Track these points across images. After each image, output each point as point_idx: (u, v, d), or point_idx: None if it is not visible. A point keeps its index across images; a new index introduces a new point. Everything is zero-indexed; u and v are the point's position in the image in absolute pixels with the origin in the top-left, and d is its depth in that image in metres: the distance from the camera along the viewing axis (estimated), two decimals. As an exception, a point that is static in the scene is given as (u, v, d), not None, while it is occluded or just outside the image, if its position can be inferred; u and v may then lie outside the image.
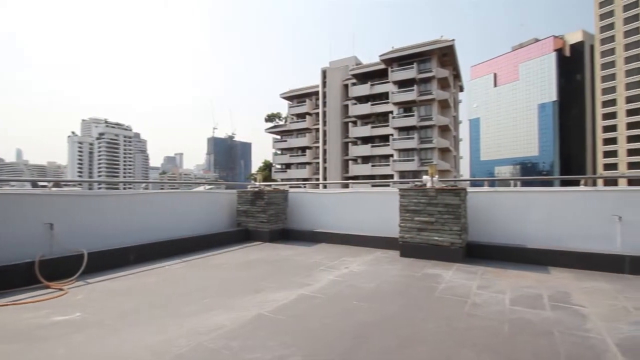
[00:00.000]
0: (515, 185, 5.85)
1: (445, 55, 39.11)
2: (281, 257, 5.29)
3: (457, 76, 45.46)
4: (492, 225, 5.28)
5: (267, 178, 53.01)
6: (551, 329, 2.52)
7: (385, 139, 42.07)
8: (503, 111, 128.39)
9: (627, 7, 73.13)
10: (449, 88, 41.02)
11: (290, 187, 8.60)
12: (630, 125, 72.22)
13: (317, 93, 51.09)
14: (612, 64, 75.64)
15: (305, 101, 53.35)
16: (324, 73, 49.33)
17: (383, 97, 42.58)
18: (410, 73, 38.90)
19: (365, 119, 45.00)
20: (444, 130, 40.99)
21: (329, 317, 2.81)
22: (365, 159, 44.51)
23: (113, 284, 3.84)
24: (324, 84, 49.16)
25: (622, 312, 2.87)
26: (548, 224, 4.91)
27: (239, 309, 2.99)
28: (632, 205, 4.41)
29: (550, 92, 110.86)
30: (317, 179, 50.09)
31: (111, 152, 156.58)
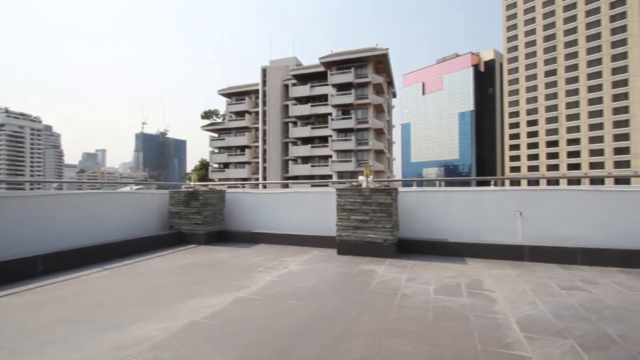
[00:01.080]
0: (439, 185, 6.43)
1: (380, 62, 41.40)
2: (218, 260, 5.09)
3: (390, 83, 48.43)
4: (420, 222, 5.74)
5: (204, 178, 50.46)
6: (467, 313, 2.84)
7: (324, 140, 43.02)
8: (430, 118, 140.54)
9: (527, 33, 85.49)
10: (383, 94, 43.47)
11: (229, 187, 8.31)
12: (530, 135, 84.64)
13: (257, 91, 50.16)
14: (516, 81, 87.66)
15: (244, 99, 51.97)
16: (264, 72, 48.65)
17: (322, 99, 43.49)
18: (348, 77, 40.35)
19: (305, 119, 45.48)
20: (379, 133, 43.35)
21: (266, 318, 2.79)
22: (305, 159, 45.00)
23: (15, 299, 3.31)
24: (264, 82, 48.49)
25: (522, 294, 3.35)
26: (466, 220, 5.50)
27: (170, 317, 2.81)
28: (530, 202, 5.18)
29: (468, 103, 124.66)
30: (257, 179, 49.19)
31: (14, 146, 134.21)
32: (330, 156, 41.87)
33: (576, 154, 76.59)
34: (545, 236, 4.94)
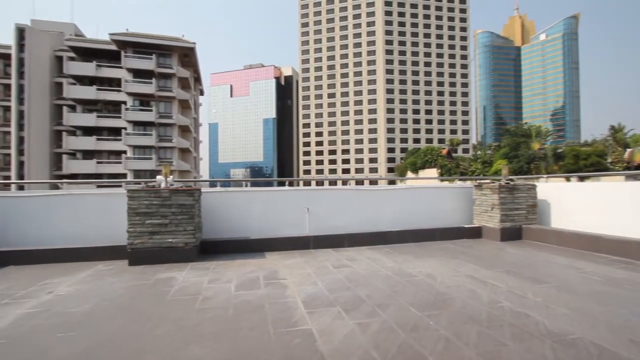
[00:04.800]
0: (246, 186, 6.73)
1: (187, 56, 38.93)
2: None
3: (198, 79, 46.36)
4: (225, 222, 5.80)
5: None
6: (263, 303, 3.12)
7: (116, 132, 36.04)
8: (238, 120, 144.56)
9: (316, 60, 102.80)
10: (189, 89, 41.06)
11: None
12: (317, 143, 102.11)
13: (7, 56, 36.11)
14: (308, 97, 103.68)
15: (-22, 63, 36.30)
16: (22, 32, 35.70)
17: (114, 83, 36.37)
18: (148, 64, 35.58)
19: (89, 105, 36.62)
20: (184, 130, 40.56)
21: (13, 366, 2.07)
22: (89, 154, 36.20)
23: None
24: (21, 47, 35.57)
25: (307, 277, 3.99)
26: (266, 218, 6.01)
27: None
28: (314, 200, 6.25)
29: (271, 110, 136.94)
30: (6, 177, 35.44)
31: None
32: (125, 152, 35.55)
33: (347, 160, 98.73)
34: (324, 227, 6.09)
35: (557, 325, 2.52)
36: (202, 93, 53.78)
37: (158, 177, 5.05)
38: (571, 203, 6.04)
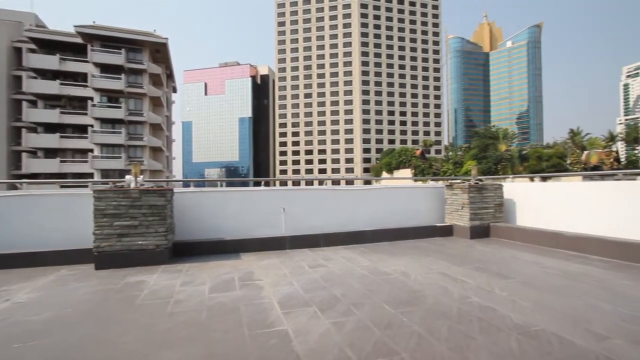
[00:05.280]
0: (221, 186, 6.59)
1: (158, 51, 37.61)
2: None
3: (170, 76, 44.89)
4: (199, 223, 5.66)
5: None
6: (238, 304, 3.07)
7: (82, 129, 34.12)
8: (212, 119, 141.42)
9: (293, 59, 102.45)
10: (161, 86, 39.68)
11: None
12: (294, 143, 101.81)
13: (-48, 45, 33.27)
14: (284, 97, 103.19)
15: None
16: (-31, 19, 33.04)
17: (80, 78, 34.42)
18: (117, 59, 33.95)
19: (51, 100, 34.40)
20: (156, 128, 39.16)
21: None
22: (52, 152, 34.04)
23: None
24: (-31, 35, 32.92)
25: (283, 277, 3.97)
26: (242, 218, 5.92)
27: None
28: (291, 200, 6.23)
29: (247, 109, 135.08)
30: (-49, 177, 32.60)
31: None
32: (91, 150, 33.77)
33: (323, 160, 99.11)
34: (301, 227, 6.09)
35: (521, 318, 2.66)
36: (175, 90, 52.06)
37: (127, 176, 4.85)
38: (535, 202, 6.39)
